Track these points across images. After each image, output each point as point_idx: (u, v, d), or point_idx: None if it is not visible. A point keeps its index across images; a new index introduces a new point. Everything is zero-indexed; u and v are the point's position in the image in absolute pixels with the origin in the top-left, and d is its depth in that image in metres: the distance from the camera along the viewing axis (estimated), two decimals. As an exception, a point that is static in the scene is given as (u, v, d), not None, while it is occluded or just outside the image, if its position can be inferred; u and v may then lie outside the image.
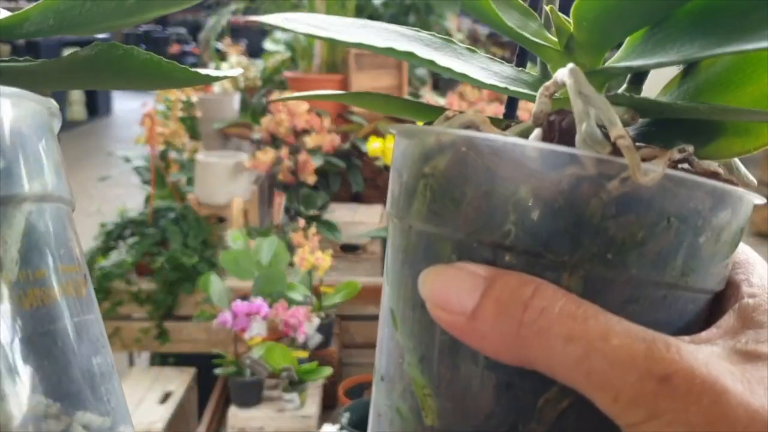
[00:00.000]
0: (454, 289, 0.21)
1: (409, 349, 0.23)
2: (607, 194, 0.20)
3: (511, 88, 0.25)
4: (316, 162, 2.19)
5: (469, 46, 0.27)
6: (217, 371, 1.76)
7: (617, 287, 0.21)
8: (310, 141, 2.20)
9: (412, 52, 0.23)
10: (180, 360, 2.03)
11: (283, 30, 0.25)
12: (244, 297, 1.75)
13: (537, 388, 0.21)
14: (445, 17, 3.13)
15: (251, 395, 1.71)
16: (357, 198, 2.45)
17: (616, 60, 0.24)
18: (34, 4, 0.24)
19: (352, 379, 1.87)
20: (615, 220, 0.20)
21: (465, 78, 0.24)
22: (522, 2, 0.27)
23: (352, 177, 2.39)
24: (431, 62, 0.24)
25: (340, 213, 2.26)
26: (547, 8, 0.25)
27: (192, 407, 1.92)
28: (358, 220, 2.24)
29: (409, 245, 0.24)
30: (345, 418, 1.57)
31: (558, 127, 0.22)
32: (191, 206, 2.18)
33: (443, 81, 3.10)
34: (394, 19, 3.00)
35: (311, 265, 1.82)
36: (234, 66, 2.87)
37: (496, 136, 0.22)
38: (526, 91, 0.26)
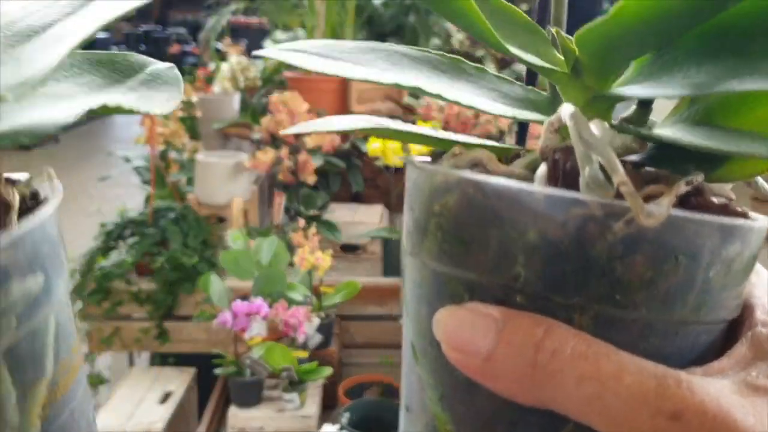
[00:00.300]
0: (468, 331, 0.21)
1: (430, 385, 0.24)
2: (613, 235, 0.20)
3: (520, 116, 0.25)
4: (316, 162, 2.19)
5: (478, 65, 0.27)
6: (217, 371, 1.77)
7: (628, 326, 0.21)
8: (310, 141, 2.20)
9: (418, 87, 0.24)
10: (180, 360, 2.03)
11: (291, 65, 0.24)
12: (244, 297, 1.75)
13: (553, 424, 0.21)
14: (445, 17, 3.13)
15: (251, 395, 1.71)
16: (357, 198, 2.45)
17: (623, 82, 0.24)
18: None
19: (352, 379, 1.88)
20: (621, 261, 0.20)
21: (472, 108, 0.25)
22: (529, 18, 0.26)
23: (352, 177, 2.39)
24: (439, 95, 0.24)
25: (340, 213, 2.26)
26: (552, 30, 0.25)
27: (192, 407, 1.93)
28: (358, 220, 2.24)
29: (424, 281, 0.24)
30: (345, 418, 1.57)
31: (562, 167, 0.22)
32: (191, 206, 2.18)
33: (443, 81, 3.10)
34: (394, 19, 3.00)
35: (311, 265, 1.82)
36: (234, 65, 2.87)
37: (500, 181, 0.22)
38: (534, 116, 0.26)
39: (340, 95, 2.55)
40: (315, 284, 1.90)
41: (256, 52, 0.25)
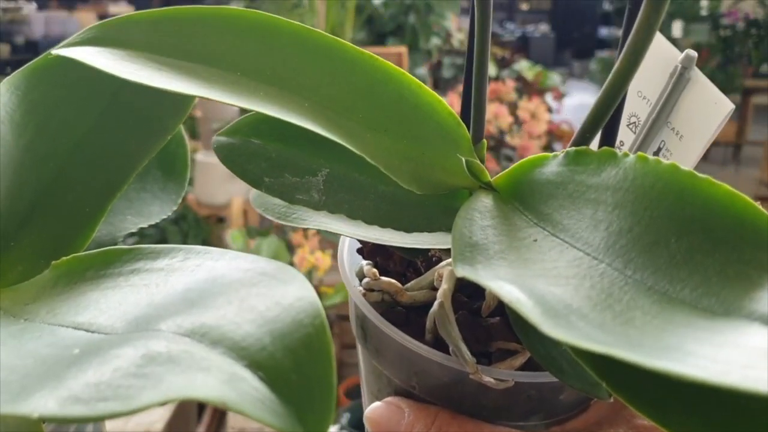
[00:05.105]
0: (386, 424, 0.30)
1: None
2: (478, 384, 0.27)
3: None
4: (316, 162, 2.18)
5: None
6: (217, 371, 1.75)
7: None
8: (310, 141, 2.20)
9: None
10: (180, 360, 2.02)
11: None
12: (244, 297, 1.74)
13: None
14: (445, 17, 3.13)
15: (251, 395, 1.70)
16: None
17: None
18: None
19: (353, 379, 1.87)
20: (485, 396, 0.28)
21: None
22: (453, 114, 0.30)
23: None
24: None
25: (340, 213, 2.25)
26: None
27: (192, 407, 1.92)
28: (358, 220, 2.24)
29: (368, 367, 0.33)
30: (345, 418, 1.57)
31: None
32: (191, 206, 2.18)
33: (443, 81, 3.10)
34: (394, 19, 3.00)
35: (311, 265, 1.82)
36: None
37: (398, 334, 0.28)
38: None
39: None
40: (315, 284, 1.90)
41: (54, 50, 0.24)
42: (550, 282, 0.20)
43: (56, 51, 0.24)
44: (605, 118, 0.26)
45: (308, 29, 0.26)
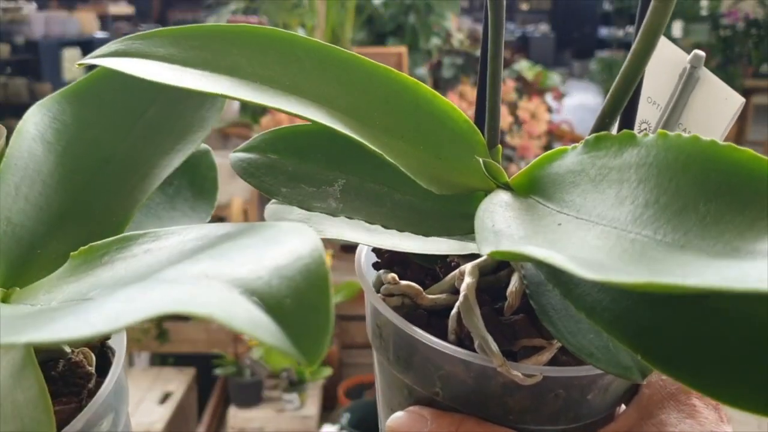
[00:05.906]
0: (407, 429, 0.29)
1: None
2: (503, 384, 0.27)
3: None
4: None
5: None
6: (217, 371, 1.76)
7: None
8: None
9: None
10: (179, 360, 2.02)
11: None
12: (244, 297, 1.74)
13: None
14: (445, 17, 3.13)
15: (251, 395, 1.70)
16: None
17: None
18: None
19: (352, 379, 1.87)
20: (511, 397, 0.27)
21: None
22: (468, 121, 0.30)
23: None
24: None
25: (340, 213, 2.25)
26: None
27: (191, 407, 1.92)
28: (358, 220, 2.24)
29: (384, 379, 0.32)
30: (345, 418, 1.57)
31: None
32: (191, 206, 2.18)
33: (443, 81, 3.10)
34: (394, 19, 3.00)
35: (311, 265, 1.81)
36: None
37: (418, 332, 0.28)
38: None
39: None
40: (315, 284, 1.89)
41: (82, 61, 0.26)
42: (580, 251, 0.21)
43: (88, 60, 0.26)
44: (624, 102, 0.27)
45: (324, 44, 0.27)
